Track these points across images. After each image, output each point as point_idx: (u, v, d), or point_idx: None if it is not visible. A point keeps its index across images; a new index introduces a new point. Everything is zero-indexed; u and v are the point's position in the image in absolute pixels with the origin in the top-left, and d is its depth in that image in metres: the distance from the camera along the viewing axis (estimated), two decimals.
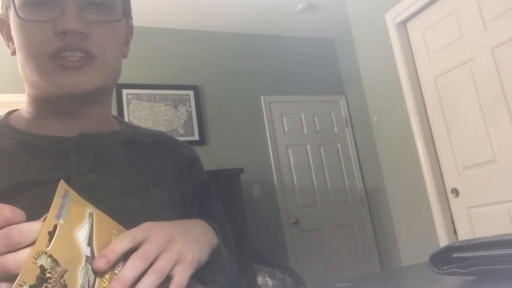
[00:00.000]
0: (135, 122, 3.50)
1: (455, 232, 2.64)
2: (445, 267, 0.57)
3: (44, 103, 0.62)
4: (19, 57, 0.61)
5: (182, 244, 0.48)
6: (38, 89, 0.61)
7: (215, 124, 3.84)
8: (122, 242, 0.44)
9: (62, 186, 0.43)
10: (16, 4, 0.57)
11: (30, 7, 0.57)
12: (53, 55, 0.57)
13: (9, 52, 0.65)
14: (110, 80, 0.64)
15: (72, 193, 0.44)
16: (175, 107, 3.72)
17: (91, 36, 0.58)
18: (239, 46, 4.13)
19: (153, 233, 0.47)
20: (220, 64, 4.00)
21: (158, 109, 3.66)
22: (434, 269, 0.58)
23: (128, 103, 3.56)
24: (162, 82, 3.71)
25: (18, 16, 0.57)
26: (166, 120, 3.66)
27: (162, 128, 3.60)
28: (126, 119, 3.46)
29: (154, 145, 0.72)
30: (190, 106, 3.77)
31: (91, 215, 0.45)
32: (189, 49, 3.91)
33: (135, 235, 0.46)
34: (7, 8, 0.62)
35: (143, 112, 3.60)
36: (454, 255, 0.56)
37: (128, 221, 0.60)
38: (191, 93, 3.79)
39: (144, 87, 3.61)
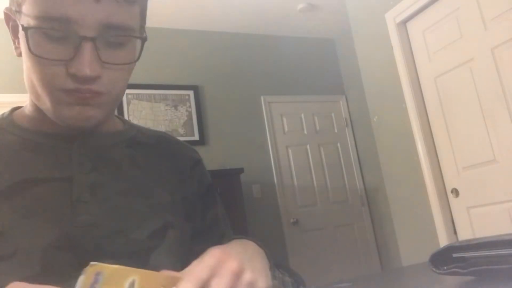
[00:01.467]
0: (135, 122, 3.50)
1: (455, 232, 2.64)
2: (445, 267, 0.57)
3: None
4: (30, 76, 0.58)
5: (251, 273, 0.45)
6: (44, 109, 0.60)
7: (215, 124, 3.84)
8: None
9: (91, 270, 0.38)
10: (29, 38, 0.54)
11: (43, 40, 0.54)
12: (64, 91, 0.55)
13: (15, 53, 0.62)
14: (115, 105, 0.63)
15: (107, 271, 0.38)
16: (175, 107, 3.72)
17: (103, 77, 0.56)
18: (239, 46, 4.13)
19: (220, 271, 0.43)
20: (220, 64, 4.00)
21: (158, 109, 3.66)
22: (434, 269, 0.58)
23: (128, 103, 3.56)
24: (162, 82, 3.71)
25: (31, 52, 0.54)
26: (166, 120, 3.66)
27: (162, 128, 3.60)
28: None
29: (157, 145, 0.73)
30: (190, 106, 3.76)
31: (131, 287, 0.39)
32: (189, 49, 3.91)
33: (200, 276, 0.42)
34: (16, 12, 0.58)
35: (143, 112, 3.60)
36: (454, 255, 0.56)
37: (129, 221, 0.60)
38: (191, 93, 3.79)
39: (144, 87, 3.61)
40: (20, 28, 0.56)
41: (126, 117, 3.51)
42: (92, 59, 0.53)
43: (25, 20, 0.55)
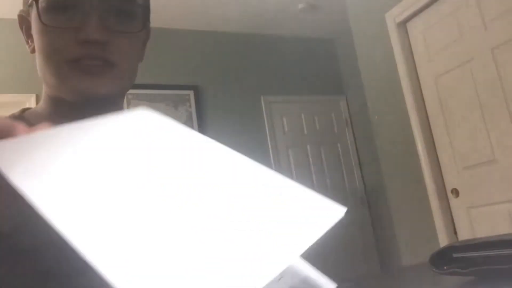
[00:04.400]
0: None
1: (455, 232, 2.64)
2: (445, 267, 0.57)
3: (61, 103, 0.63)
4: (38, 58, 0.61)
5: None
6: (56, 91, 0.62)
7: (215, 124, 3.84)
8: None
9: None
10: (40, 8, 0.57)
11: (53, 11, 0.57)
12: (73, 61, 0.58)
13: (28, 50, 0.65)
14: (127, 85, 0.66)
15: None
16: (175, 107, 3.72)
17: (111, 44, 0.59)
18: (239, 46, 4.13)
19: None
20: (220, 64, 4.00)
21: (158, 109, 3.64)
22: (434, 269, 0.58)
23: (128, 103, 3.56)
24: (162, 82, 3.71)
25: (41, 21, 0.57)
26: None
27: None
28: None
29: None
30: (190, 106, 3.76)
31: None
32: (189, 49, 3.91)
33: None
34: (29, 6, 0.62)
35: None
36: (454, 255, 0.56)
37: None
38: (191, 93, 3.79)
39: (144, 87, 3.61)
40: (32, 10, 0.60)
41: None
42: (99, 25, 0.57)
43: None
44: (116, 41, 0.59)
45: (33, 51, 0.64)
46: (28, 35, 0.65)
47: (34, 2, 0.58)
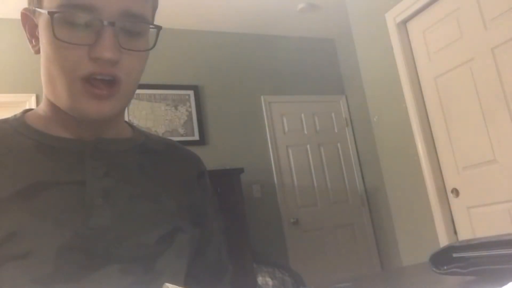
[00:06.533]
0: (135, 122, 3.50)
1: (455, 232, 2.64)
2: (445, 267, 0.57)
3: (62, 111, 0.63)
4: (47, 66, 0.61)
5: None
6: (60, 103, 0.61)
7: (215, 124, 3.84)
8: None
9: None
10: (54, 22, 0.57)
11: (67, 27, 0.57)
12: (85, 78, 0.58)
13: (32, 51, 0.65)
14: (130, 99, 0.66)
15: None
16: (175, 107, 3.72)
17: (121, 62, 0.59)
18: (239, 46, 4.13)
19: None
20: (220, 64, 4.00)
21: (158, 109, 3.66)
22: (434, 269, 0.58)
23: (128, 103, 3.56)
24: (162, 82, 3.71)
25: (56, 37, 0.57)
26: (166, 120, 3.66)
27: (162, 128, 3.60)
28: (125, 120, 3.46)
29: (165, 152, 0.74)
30: (190, 106, 3.76)
31: None
32: (189, 49, 3.91)
33: None
34: (35, 10, 0.61)
35: (143, 112, 3.60)
36: (454, 255, 0.56)
37: (138, 226, 0.61)
38: (191, 93, 3.79)
39: (144, 87, 3.61)
40: (41, 17, 0.59)
41: (126, 117, 3.51)
42: (112, 44, 0.57)
43: (48, 8, 0.58)
44: (125, 58, 0.59)
45: (37, 52, 0.63)
46: (32, 35, 0.64)
47: (48, 16, 0.57)
